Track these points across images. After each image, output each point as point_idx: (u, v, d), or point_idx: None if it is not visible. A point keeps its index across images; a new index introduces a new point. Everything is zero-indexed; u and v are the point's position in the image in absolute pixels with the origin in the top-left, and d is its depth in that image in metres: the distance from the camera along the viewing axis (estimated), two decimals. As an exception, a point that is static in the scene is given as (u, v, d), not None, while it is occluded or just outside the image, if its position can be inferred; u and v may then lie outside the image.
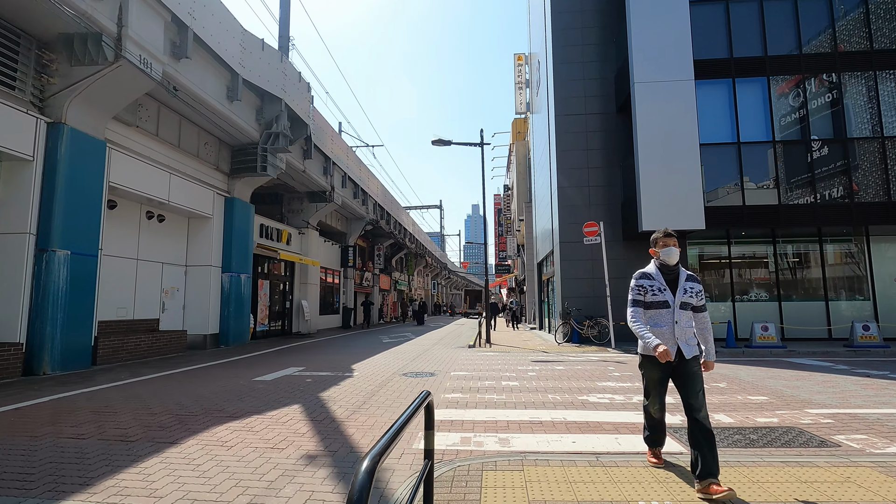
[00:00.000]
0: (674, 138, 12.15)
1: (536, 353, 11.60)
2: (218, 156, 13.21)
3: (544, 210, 18.38)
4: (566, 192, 14.39)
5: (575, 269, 14.09)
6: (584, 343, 13.40)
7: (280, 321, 17.77)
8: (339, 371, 8.41)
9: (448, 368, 8.77)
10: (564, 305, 13.72)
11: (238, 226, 13.72)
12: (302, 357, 10.70)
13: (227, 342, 13.09)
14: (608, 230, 13.43)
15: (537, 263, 21.19)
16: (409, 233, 35.72)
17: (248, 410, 5.37)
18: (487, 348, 12.94)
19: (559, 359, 10.26)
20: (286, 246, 17.56)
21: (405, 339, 16.40)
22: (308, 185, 17.91)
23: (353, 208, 22.47)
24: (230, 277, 13.31)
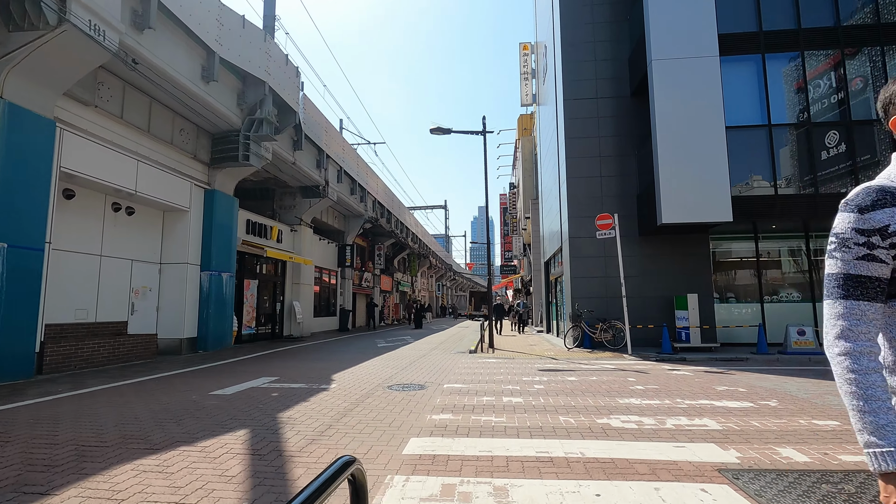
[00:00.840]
0: (696, 121, 10.92)
1: (544, 359, 10.40)
2: (196, 144, 12.15)
3: (552, 205, 17.18)
4: (576, 183, 13.19)
5: (586, 266, 12.87)
6: (597, 348, 12.18)
7: (269, 324, 16.68)
8: (315, 382, 7.26)
9: (442, 379, 7.59)
10: (575, 307, 12.51)
11: (219, 220, 12.65)
12: (282, 364, 9.57)
13: (205, 347, 12.00)
14: (622, 224, 12.21)
15: (544, 262, 19.96)
16: (411, 232, 34.61)
17: (179, 439, 4.23)
18: (490, 354, 11.75)
19: (570, 367, 9.05)
20: (276, 244, 16.48)
21: (402, 343, 15.24)
22: (300, 178, 16.84)
23: (351, 205, 21.38)
24: (210, 276, 12.23)
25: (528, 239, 28.94)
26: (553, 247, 17.07)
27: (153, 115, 10.69)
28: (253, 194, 18.22)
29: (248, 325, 14.88)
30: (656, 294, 12.42)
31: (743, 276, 12.67)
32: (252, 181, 17.17)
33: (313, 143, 16.76)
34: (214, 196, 12.51)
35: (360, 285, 26.03)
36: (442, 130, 14.26)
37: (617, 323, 11.74)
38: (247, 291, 14.89)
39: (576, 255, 12.97)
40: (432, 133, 14.28)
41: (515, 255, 33.36)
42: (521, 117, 37.56)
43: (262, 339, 15.84)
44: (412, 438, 4.26)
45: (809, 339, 10.28)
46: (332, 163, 18.58)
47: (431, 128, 14.27)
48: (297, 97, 14.10)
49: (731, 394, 6.19)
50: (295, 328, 17.42)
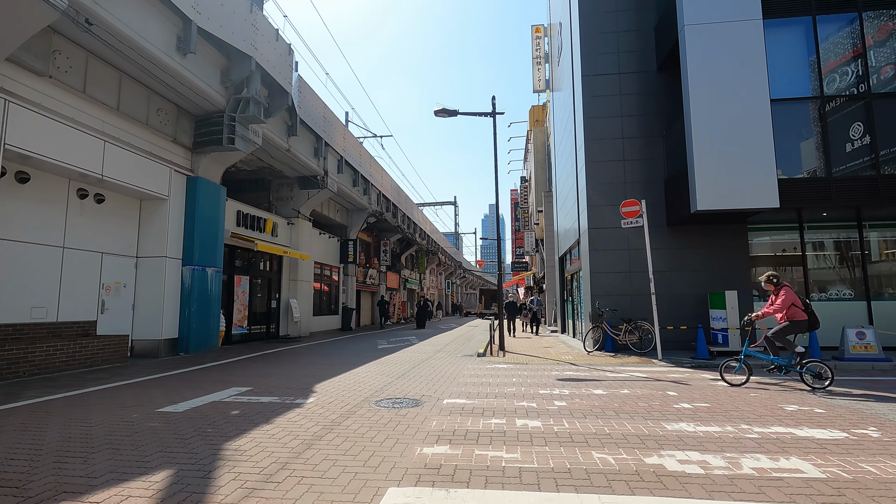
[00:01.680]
0: (736, 94, 9.55)
1: (562, 365, 9.13)
2: (176, 126, 11.05)
3: (567, 195, 15.85)
4: (596, 168, 11.86)
5: (607, 260, 11.55)
6: (621, 352, 10.87)
7: (264, 323, 15.60)
8: (291, 395, 6.09)
9: (443, 391, 6.37)
10: (595, 306, 11.20)
11: (204, 211, 11.55)
12: (263, 370, 8.43)
13: (187, 349, 10.92)
14: (649, 213, 10.87)
15: (559, 258, 18.64)
16: (419, 228, 33.44)
17: (68, 487, 3.06)
18: (500, 358, 10.51)
19: (593, 376, 7.78)
20: (271, 237, 15.38)
21: (405, 344, 14.06)
22: (296, 168, 15.72)
23: (353, 198, 20.24)
24: (192, 272, 11.15)
25: (541, 234, 27.59)
26: (569, 241, 15.75)
27: (123, 91, 9.60)
28: (247, 185, 17.16)
29: (238, 325, 13.80)
30: (687, 291, 11.07)
31: (787, 272, 11.25)
32: (246, 171, 16.11)
33: (310, 130, 15.62)
34: (198, 184, 11.41)
35: (364, 282, 24.91)
36: (448, 112, 13.02)
37: (644, 324, 10.41)
38: (237, 288, 13.81)
39: (596, 249, 11.65)
40: (437, 115, 13.05)
41: (527, 252, 32.04)
42: (532, 108, 36.20)
43: (256, 340, 14.76)
44: (391, 488, 3.05)
45: (871, 342, 8.86)
46: (331, 151, 17.43)
47: (436, 109, 13.04)
48: (290, 77, 12.95)
49: (808, 417, 4.88)
50: (292, 328, 16.33)
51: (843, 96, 9.79)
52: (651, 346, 10.17)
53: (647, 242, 9.82)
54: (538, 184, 29.40)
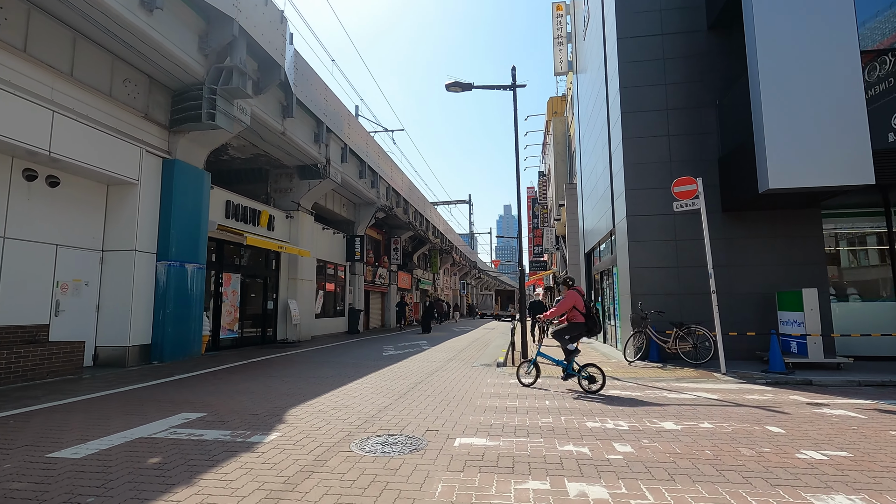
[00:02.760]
0: (816, 47, 7.74)
1: (602, 380, 7.43)
2: (148, 100, 9.62)
3: (596, 185, 14.09)
4: (635, 145, 10.11)
5: (650, 254, 9.79)
6: (669, 362, 9.10)
7: (259, 326, 14.13)
8: (250, 427, 4.51)
9: (454, 422, 4.74)
10: (638, 307, 9.43)
11: (183, 198, 10.11)
12: (236, 386, 6.89)
13: (161, 356, 9.46)
14: None
15: (584, 254, 16.87)
16: (431, 225, 31.86)
17: None
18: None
19: (649, 396, 6.07)
20: (266, 231, 13.92)
21: (415, 350, 12.44)
22: (294, 154, 14.23)
23: (359, 190, 18.72)
24: (169, 268, 9.70)
25: (562, 230, 25.77)
26: (597, 235, 13.98)
27: (79, 54, 8.17)
28: (243, 176, 15.76)
29: (228, 329, 12.34)
30: (748, 290, 9.25)
31: (870, 265, 9.37)
32: (240, 159, 14.70)
33: (310, 113, 14.13)
34: (175, 167, 9.96)
35: (373, 282, 23.40)
36: (461, 86, 11.37)
37: (698, 329, 8.62)
38: (226, 288, 12.35)
39: (636, 240, 9.89)
40: (449, 89, 11.41)
41: (547, 249, 30.22)
42: (550, 100, 34.44)
43: (249, 345, 13.29)
44: None
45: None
46: (334, 138, 15.93)
47: (448, 83, 11.41)
48: (283, 48, 11.45)
49: None
50: (291, 331, 14.85)
51: (953, 46, 7.90)
52: (709, 355, 8.38)
53: (706, 229, 8.03)
54: (558, 177, 27.62)
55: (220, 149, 13.63)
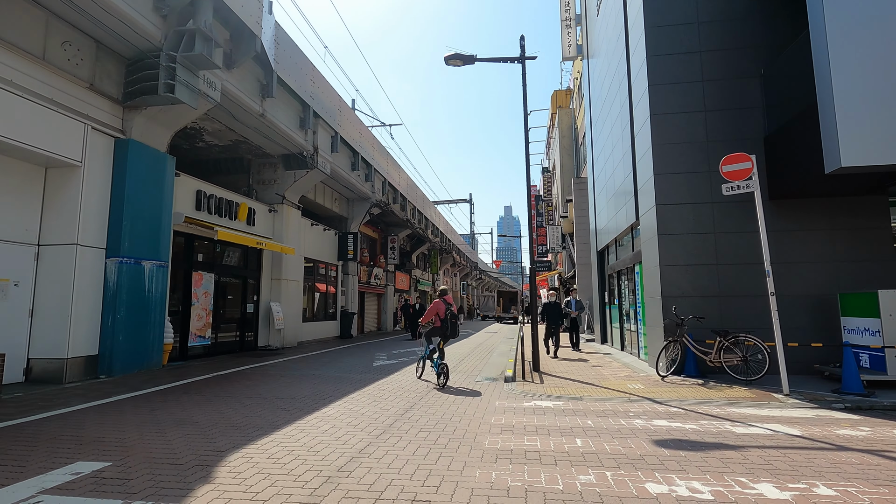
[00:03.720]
0: (895, -6, 6.34)
1: (637, 402, 5.99)
2: (95, 68, 8.20)
3: (613, 174, 12.68)
4: (664, 123, 8.68)
5: (684, 249, 8.35)
6: (710, 376, 7.67)
7: (237, 332, 12.70)
8: (153, 494, 3.09)
9: (454, 486, 3.31)
10: (672, 311, 7.99)
11: (140, 185, 8.70)
12: (181, 413, 5.47)
13: (110, 369, 8.05)
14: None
15: (597, 252, 15.44)
16: (431, 223, 30.45)
17: None
18: (538, 385, 7.38)
19: (710, 430, 4.64)
20: (245, 226, 12.49)
21: (410, 358, 11.01)
22: (277, 140, 12.81)
23: (352, 184, 17.30)
24: (121, 266, 8.28)
25: (569, 228, 24.35)
26: (614, 230, 12.55)
27: (2, 7, 6.76)
28: (222, 166, 14.35)
29: (198, 335, 10.90)
30: (801, 291, 7.82)
31: (948, 262, 7.94)
32: (217, 146, 13.28)
33: (294, 95, 12.72)
34: (130, 149, 8.55)
35: (368, 283, 21.97)
36: (462, 58, 9.98)
37: (749, 338, 7.17)
38: (197, 289, 10.92)
39: (667, 233, 8.46)
40: (449, 62, 10.03)
41: (552, 248, 28.82)
42: (555, 93, 33.09)
43: (224, 353, 11.86)
44: None
45: None
46: (323, 125, 14.51)
47: (448, 55, 10.01)
48: (259, 16, 10.05)
49: None
50: (274, 337, 13.41)
51: None
52: (762, 370, 6.94)
53: (762, 217, 6.59)
54: (564, 172, 26.23)
55: (194, 134, 12.24)
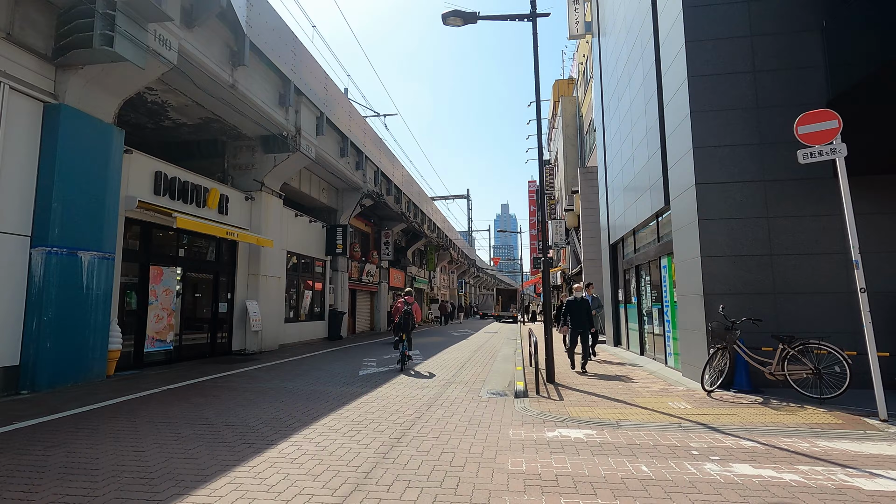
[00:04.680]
0: None
1: (693, 431, 4.59)
2: (14, 15, 6.72)
3: (634, 154, 11.29)
4: (706, 85, 7.26)
5: (730, 236, 6.94)
6: (765, 391, 6.28)
7: (208, 334, 11.25)
8: None
9: None
10: (720, 312, 6.55)
11: (76, 160, 7.23)
12: (85, 452, 4.03)
13: (34, 383, 6.59)
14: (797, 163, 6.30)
15: (609, 245, 14.05)
16: (427, 218, 29.02)
17: None
18: (556, 402, 5.97)
19: (811, 479, 3.24)
20: (216, 214, 11.03)
21: (409, 363, 9.57)
22: (253, 117, 11.34)
23: (341, 171, 15.83)
24: (49, 256, 6.83)
25: (573, 222, 22.98)
26: (632, 219, 11.15)
27: None
28: (195, 149, 12.86)
29: (158, 339, 9.43)
30: (884, 287, 6.42)
31: None
32: (186, 126, 11.81)
33: (272, 67, 11.26)
34: (62, 116, 7.08)
35: (360, 280, 20.52)
36: (462, 17, 8.56)
37: (822, 346, 5.76)
38: (156, 286, 9.44)
39: (709, 217, 7.04)
40: (447, 22, 8.63)
41: (555, 244, 27.44)
42: (556, 83, 31.72)
43: (191, 358, 10.40)
44: None
45: None
46: (306, 104, 13.05)
47: (445, 13, 8.57)
48: (225, -35, 8.59)
49: None
50: (251, 339, 11.96)
51: None
52: (842, 387, 5.53)
53: (846, 192, 5.17)
54: (568, 163, 24.83)
55: (157, 110, 10.77)
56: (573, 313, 8.67)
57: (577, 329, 8.66)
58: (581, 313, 8.64)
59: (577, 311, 8.66)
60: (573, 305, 8.75)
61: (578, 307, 8.70)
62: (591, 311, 8.85)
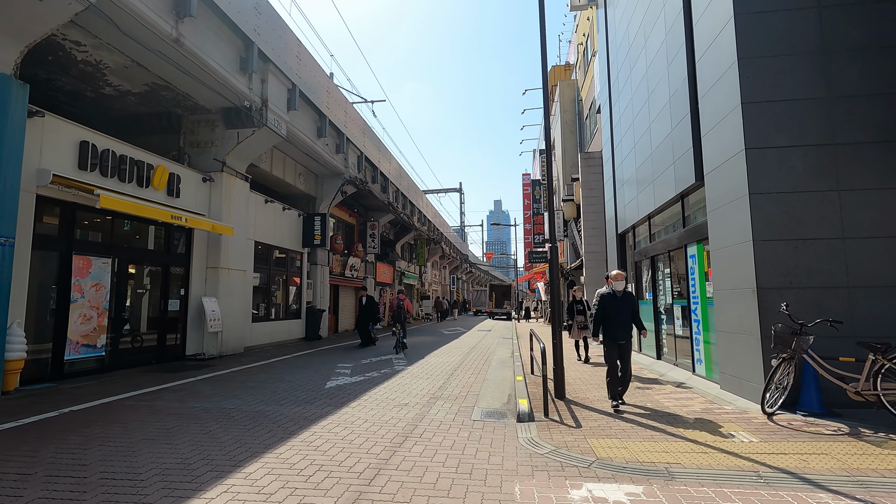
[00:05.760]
0: None
1: (780, 485, 3.12)
2: None
3: (650, 126, 9.83)
4: (758, 25, 5.76)
5: (789, 214, 5.47)
6: (842, 413, 4.84)
7: (157, 336, 9.64)
8: None
9: None
10: (783, 311, 5.07)
11: (-46, 118, 5.60)
12: None
13: None
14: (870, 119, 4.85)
15: (617, 235, 12.60)
16: (417, 210, 27.46)
17: None
18: (573, 435, 4.47)
19: None
20: (165, 196, 9.42)
21: (382, 372, 8.06)
22: (208, 83, 9.71)
23: (318, 154, 14.22)
24: (-89, 240, 5.20)
25: (573, 212, 21.52)
26: (647, 204, 9.69)
27: None
28: (146, 123, 11.22)
29: (84, 343, 7.80)
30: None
31: None
32: (134, 95, 10.19)
33: (230, 24, 9.64)
34: (-69, 58, 5.43)
35: (343, 274, 18.93)
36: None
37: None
38: (82, 279, 7.81)
39: (763, 191, 5.56)
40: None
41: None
42: (553, 69, 30.21)
43: (132, 366, 8.80)
44: None
45: None
46: (275, 72, 11.43)
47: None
48: None
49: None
50: (209, 342, 10.36)
51: None
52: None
53: None
54: (567, 151, 23.37)
55: (93, 72, 9.14)
56: (607, 312, 5.67)
57: (617, 340, 5.60)
58: (624, 315, 5.64)
59: (619, 312, 5.63)
60: (611, 302, 5.67)
61: (619, 305, 5.65)
62: (638, 311, 5.89)
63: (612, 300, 5.71)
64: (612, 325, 5.63)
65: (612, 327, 5.63)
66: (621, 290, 5.75)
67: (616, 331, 5.61)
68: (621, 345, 5.61)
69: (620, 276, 5.80)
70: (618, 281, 5.77)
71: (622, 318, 5.63)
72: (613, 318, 5.63)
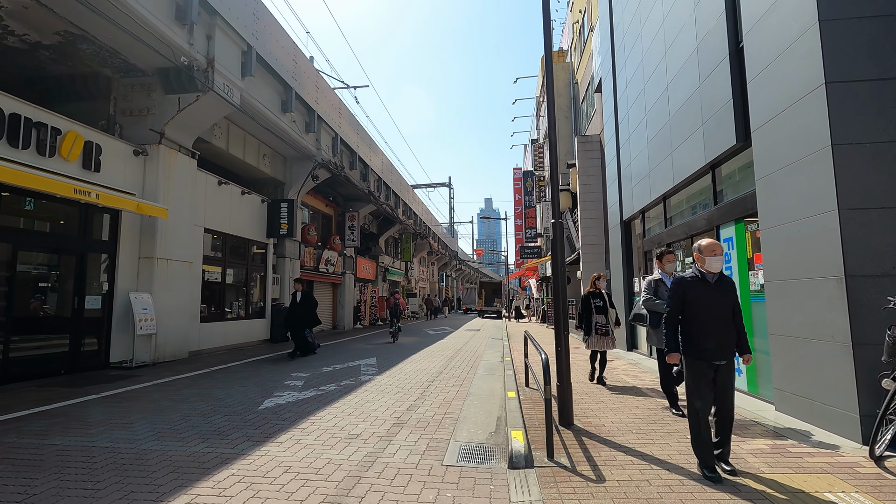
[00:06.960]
0: None
1: None
2: None
3: (668, 86, 8.29)
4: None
5: (890, 173, 3.92)
6: None
7: (68, 341, 7.89)
8: None
9: None
10: (891, 308, 3.53)
11: None
12: None
13: None
14: None
15: (622, 223, 11.07)
16: (402, 201, 25.82)
17: None
18: (591, 494, 2.87)
19: None
20: (79, 170, 7.67)
21: (347, 384, 6.43)
22: (133, 31, 7.96)
23: (283, 130, 12.50)
24: None
25: (568, 203, 19.98)
26: (662, 180, 8.14)
27: None
28: (69, 87, 9.47)
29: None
30: None
31: None
32: (48, 50, 8.49)
33: (160, -40, 7.90)
34: None
35: (317, 269, 17.20)
36: None
37: None
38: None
39: (850, 141, 4.00)
40: None
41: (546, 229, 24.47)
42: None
43: (28, 378, 7.07)
44: None
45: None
46: (223, 26, 9.71)
47: None
48: None
49: None
50: (140, 347, 8.63)
51: None
52: None
53: None
54: (561, 138, 21.77)
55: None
56: (701, 319, 3.33)
57: (710, 360, 3.27)
58: (721, 316, 3.34)
59: (711, 309, 3.33)
60: (699, 293, 3.36)
61: (712, 299, 3.35)
62: (740, 311, 3.46)
63: (703, 289, 3.35)
64: (702, 332, 3.29)
65: (702, 336, 3.28)
66: (717, 272, 3.37)
67: (707, 342, 3.26)
68: (718, 367, 3.28)
69: (719, 248, 3.37)
70: (714, 256, 3.33)
71: (719, 321, 3.31)
72: (704, 320, 3.30)
